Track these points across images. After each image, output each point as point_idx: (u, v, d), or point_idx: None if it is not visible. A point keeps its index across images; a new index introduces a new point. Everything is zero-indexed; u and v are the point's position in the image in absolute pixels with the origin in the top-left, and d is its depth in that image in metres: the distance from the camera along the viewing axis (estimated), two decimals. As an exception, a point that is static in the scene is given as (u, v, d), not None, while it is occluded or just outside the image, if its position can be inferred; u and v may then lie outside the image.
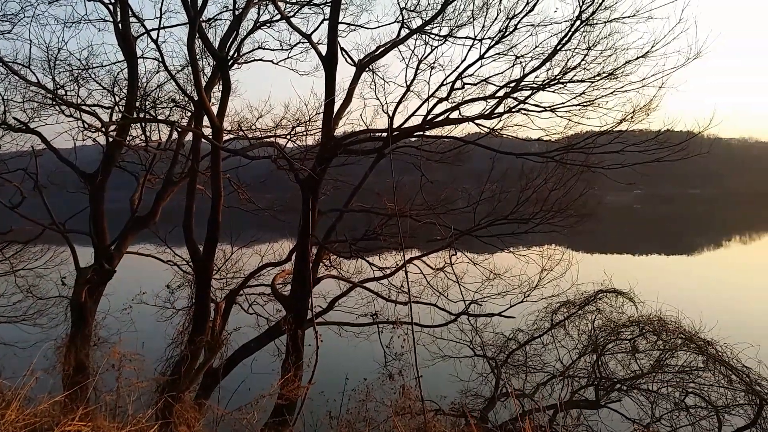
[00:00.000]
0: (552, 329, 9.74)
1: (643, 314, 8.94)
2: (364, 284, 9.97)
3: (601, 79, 7.34)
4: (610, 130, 7.85)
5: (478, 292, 9.84)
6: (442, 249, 10.07)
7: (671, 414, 7.84)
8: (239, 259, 12.18)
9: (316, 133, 10.94)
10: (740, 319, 19.13)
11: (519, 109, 8.44)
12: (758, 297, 26.95)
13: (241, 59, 11.35)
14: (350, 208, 9.86)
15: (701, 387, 7.84)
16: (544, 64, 7.66)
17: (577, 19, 7.12)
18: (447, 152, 10.53)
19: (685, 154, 7.55)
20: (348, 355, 10.84)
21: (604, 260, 35.86)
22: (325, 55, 8.35)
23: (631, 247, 51.30)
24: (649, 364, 8.40)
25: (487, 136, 9.47)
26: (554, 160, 8.88)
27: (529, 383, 9.36)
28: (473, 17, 8.65)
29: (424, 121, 8.80)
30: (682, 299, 10.57)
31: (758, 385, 7.37)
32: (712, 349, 7.82)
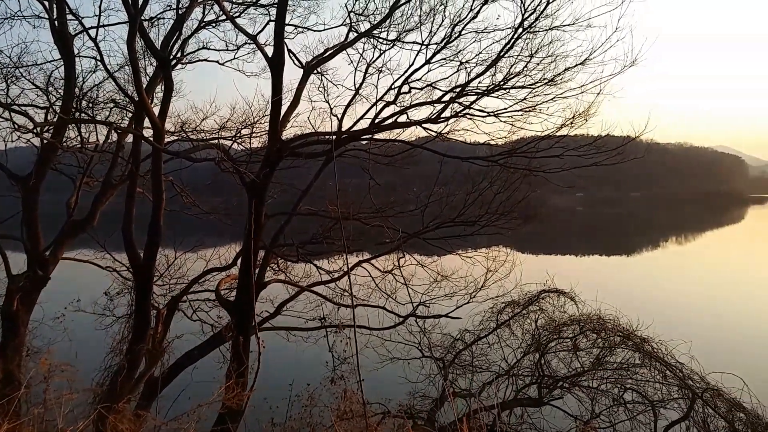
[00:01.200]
0: (497, 329, 9.95)
1: (583, 313, 9.26)
2: (311, 288, 9.91)
3: (542, 85, 7.55)
4: (551, 135, 8.09)
5: (425, 294, 9.95)
6: (390, 252, 10.13)
7: (610, 410, 8.14)
8: (183, 264, 11.85)
9: (262, 136, 10.80)
10: (675, 316, 20.12)
11: (465, 114, 8.57)
12: (692, 295, 28.41)
13: (184, 59, 11.07)
14: (298, 212, 9.77)
15: (638, 383, 8.17)
16: (488, 69, 7.82)
17: (519, 27, 7.30)
18: (395, 155, 10.58)
19: (621, 158, 7.85)
20: (296, 361, 10.76)
21: (547, 261, 36.97)
22: (271, 57, 8.24)
23: (574, 248, 53.11)
24: (589, 362, 8.69)
25: (434, 140, 9.60)
26: (498, 164, 9.08)
27: (475, 383, 9.52)
28: (420, 22, 8.73)
29: (372, 124, 8.83)
30: (620, 298, 10.99)
31: (691, 380, 7.73)
32: (648, 346, 8.16)
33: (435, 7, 8.36)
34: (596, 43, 7.08)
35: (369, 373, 10.41)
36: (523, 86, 7.67)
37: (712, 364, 7.82)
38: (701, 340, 8.47)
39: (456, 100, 8.24)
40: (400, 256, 10.01)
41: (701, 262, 46.30)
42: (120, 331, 9.97)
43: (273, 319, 9.79)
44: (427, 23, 8.59)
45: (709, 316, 22.99)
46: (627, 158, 8.04)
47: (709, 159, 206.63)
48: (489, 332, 9.96)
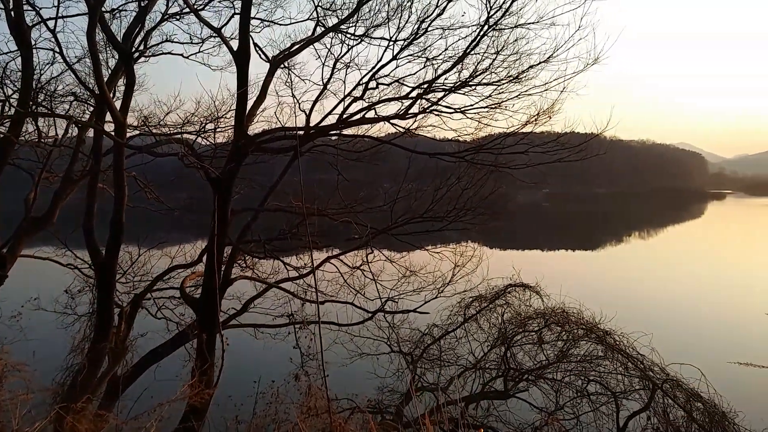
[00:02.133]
0: (465, 323, 10.05)
1: (548, 307, 9.42)
2: (279, 285, 9.83)
3: (507, 82, 7.63)
4: (516, 131, 8.19)
5: (394, 290, 9.99)
6: (359, 248, 10.13)
7: (574, 401, 8.31)
8: (147, 261, 11.62)
9: (228, 131, 10.66)
10: (636, 309, 20.67)
11: (432, 110, 8.62)
12: (653, 288, 29.24)
13: (147, 52, 10.81)
14: (265, 208, 9.68)
15: (601, 375, 8.37)
16: (455, 66, 7.88)
17: (485, 24, 7.37)
18: (364, 151, 10.57)
19: (584, 155, 8.00)
20: (263, 358, 10.68)
21: (513, 256, 37.62)
22: (236, 51, 8.13)
23: (539, 243, 54.09)
24: (554, 355, 8.85)
25: (402, 136, 9.63)
26: (465, 161, 9.15)
27: (443, 377, 9.62)
28: (388, 18, 8.73)
29: (339, 120, 8.81)
30: (584, 292, 11.23)
31: (651, 371, 7.95)
32: (610, 339, 8.36)
33: (402, 3, 8.38)
34: (560, 42, 7.19)
35: (338, 369, 10.42)
36: (489, 83, 7.75)
37: (671, 355, 8.06)
38: (661, 333, 8.71)
39: (423, 96, 8.28)
40: (369, 252, 10.01)
41: (662, 256, 47.69)
42: (82, 330, 9.73)
43: (240, 316, 9.69)
44: (395, 19, 8.61)
45: (669, 308, 23.70)
46: (590, 155, 8.21)
47: (670, 156, 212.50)
48: (457, 326, 10.05)
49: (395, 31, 8.52)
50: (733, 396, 7.51)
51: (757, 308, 21.34)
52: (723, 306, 24.52)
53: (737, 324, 20.60)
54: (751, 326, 19.18)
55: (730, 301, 25.52)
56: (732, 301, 25.67)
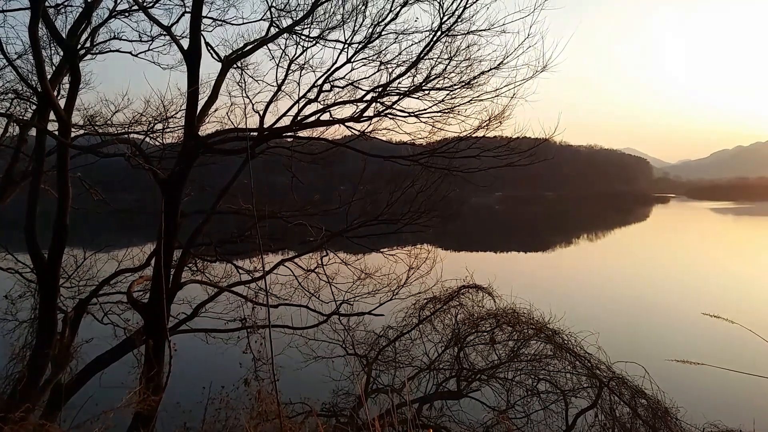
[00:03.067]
0: (419, 325, 10.14)
1: (500, 307, 9.61)
2: (231, 288, 9.67)
3: (459, 88, 7.76)
4: (468, 136, 8.33)
5: (349, 292, 9.98)
6: (313, 250, 10.09)
7: (524, 400, 8.51)
8: (92, 265, 11.22)
9: (178, 131, 10.42)
10: (584, 309, 21.36)
11: (387, 113, 8.66)
12: (599, 288, 30.30)
13: (94, 49, 10.45)
14: (217, 210, 9.51)
15: (551, 373, 8.60)
16: (409, 70, 7.95)
17: (438, 30, 7.47)
18: (319, 154, 10.53)
19: (533, 159, 8.22)
20: (215, 363, 10.47)
21: (467, 257, 38.16)
22: (187, 50, 7.99)
23: (492, 244, 55.17)
24: (505, 354, 9.04)
25: (357, 138, 9.64)
26: (419, 164, 9.25)
27: (398, 378, 9.67)
28: (343, 21, 8.73)
29: (293, 121, 8.75)
30: (534, 292, 11.49)
31: (598, 370, 8.22)
32: (559, 338, 8.60)
33: (357, 6, 8.41)
34: (509, 49, 7.36)
35: (292, 373, 10.33)
36: (442, 88, 7.86)
37: (617, 353, 8.35)
38: (607, 331, 9.06)
39: (378, 99, 8.32)
40: (324, 255, 9.98)
41: (608, 257, 49.48)
42: (23, 337, 9.31)
43: (190, 320, 9.47)
44: (350, 22, 8.62)
45: (614, 308, 24.63)
46: (539, 159, 8.43)
47: (617, 161, 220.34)
48: (411, 328, 10.13)
49: (350, 34, 8.55)
50: (675, 392, 7.85)
51: (695, 306, 22.37)
52: (664, 305, 25.61)
53: (677, 322, 21.54)
54: (690, 324, 20.05)
55: (671, 300, 26.69)
56: (673, 300, 26.86)
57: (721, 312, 3.36)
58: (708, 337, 16.49)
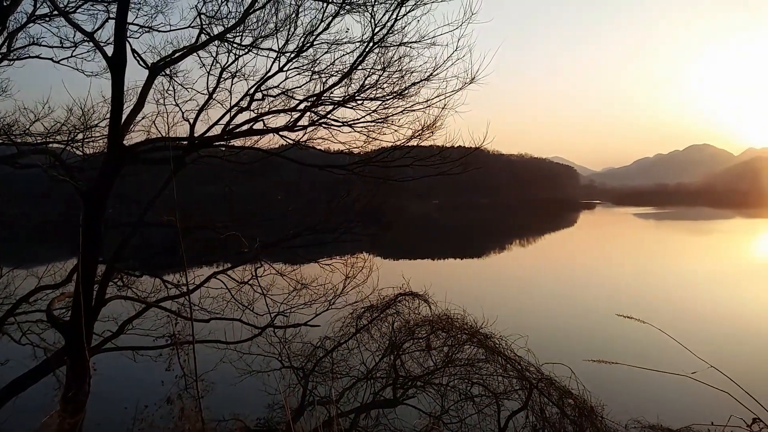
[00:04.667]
0: (357, 334, 10.11)
1: (435, 314, 9.73)
2: (159, 304, 9.31)
3: (392, 98, 7.86)
4: (402, 145, 8.44)
5: (284, 304, 9.83)
6: (247, 262, 9.88)
7: (458, 404, 8.64)
8: (10, 282, 10.55)
9: (102, 140, 9.97)
10: (514, 312, 22.08)
11: (321, 123, 8.65)
12: (528, 292, 31.43)
13: (12, 55, 9.90)
14: (143, 222, 9.14)
15: (484, 377, 8.76)
16: (342, 80, 7.98)
17: (371, 41, 7.55)
18: (253, 163, 10.36)
19: (464, 168, 8.42)
20: (143, 382, 10.04)
21: (404, 265, 38.68)
22: (111, 57, 7.68)
23: (429, 252, 56.01)
24: (440, 360, 9.16)
25: (292, 148, 9.54)
26: (354, 173, 9.27)
27: (335, 389, 9.59)
28: (276, 29, 8.66)
29: (224, 130, 8.56)
30: (468, 298, 11.73)
31: (528, 372, 8.46)
32: (491, 342, 8.79)
33: (290, 16, 8.37)
34: (439, 61, 7.54)
35: (227, 389, 10.06)
36: (375, 98, 7.93)
37: (545, 355, 8.63)
38: (536, 334, 9.34)
39: (312, 109, 8.29)
40: (258, 266, 9.79)
41: (538, 262, 51.36)
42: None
43: (116, 338, 9.04)
44: (283, 31, 8.56)
45: (542, 311, 25.58)
46: (471, 167, 8.65)
47: (546, 168, 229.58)
48: (349, 338, 10.08)
49: (283, 43, 8.49)
50: (599, 391, 8.19)
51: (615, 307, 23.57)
52: (588, 306, 26.79)
53: (597, 323, 22.53)
54: (608, 325, 20.93)
55: (594, 302, 27.97)
56: (594, 301, 28.19)
57: (636, 312, 3.55)
58: (624, 336, 17.28)
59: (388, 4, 7.23)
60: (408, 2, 7.16)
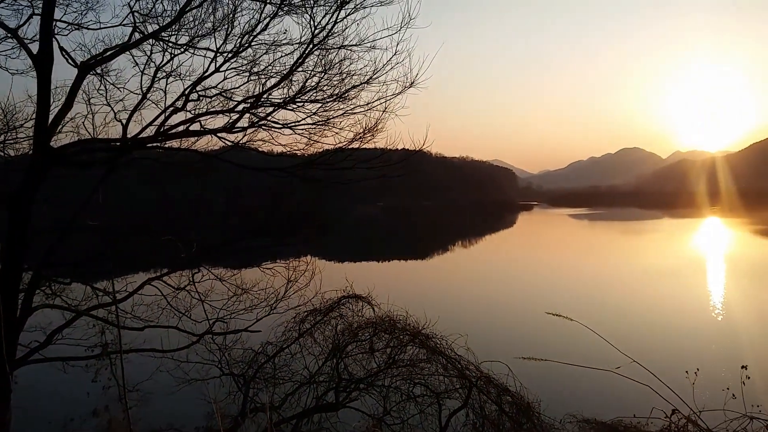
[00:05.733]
0: (299, 338, 10.02)
1: (378, 316, 9.78)
2: (90, 312, 8.90)
3: (332, 101, 7.85)
4: (344, 148, 8.44)
5: (224, 309, 9.62)
6: (184, 267, 9.60)
7: (400, 405, 8.71)
8: None
9: (28, 142, 9.44)
10: (455, 312, 22.52)
11: (261, 125, 8.52)
12: (468, 292, 32.15)
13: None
14: (73, 227, 8.72)
15: (425, 377, 8.86)
16: (282, 81, 7.90)
17: (310, 43, 7.51)
18: (191, 165, 10.09)
19: (406, 170, 8.53)
20: (73, 394, 9.58)
21: (348, 268, 38.68)
22: (37, 54, 7.31)
23: (372, 254, 56.27)
24: (383, 361, 9.21)
25: (232, 150, 9.35)
26: (296, 176, 9.20)
27: (277, 395, 9.46)
28: (214, 29, 8.47)
29: (158, 131, 8.30)
30: (410, 299, 11.88)
31: (468, 371, 8.62)
32: (432, 343, 8.91)
33: (227, 15, 8.21)
34: (379, 64, 7.61)
35: (165, 398, 9.75)
36: (315, 100, 7.90)
37: (483, 353, 8.84)
38: (475, 333, 9.53)
39: (250, 110, 8.16)
40: (195, 272, 9.53)
41: (478, 262, 52.66)
42: None
43: (44, 349, 8.57)
44: (221, 30, 8.39)
45: (481, 310, 26.23)
46: (411, 170, 8.77)
47: (487, 171, 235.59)
48: (291, 342, 9.98)
49: (221, 43, 8.31)
50: (535, 387, 8.45)
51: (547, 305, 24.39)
52: (525, 305, 27.62)
53: (530, 321, 23.26)
54: (541, 322, 21.60)
55: (529, 300, 28.87)
56: (531, 300, 29.10)
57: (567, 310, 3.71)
58: (556, 333, 17.85)
59: (328, 6, 7.23)
60: (348, 5, 7.18)
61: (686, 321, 24.06)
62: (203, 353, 9.74)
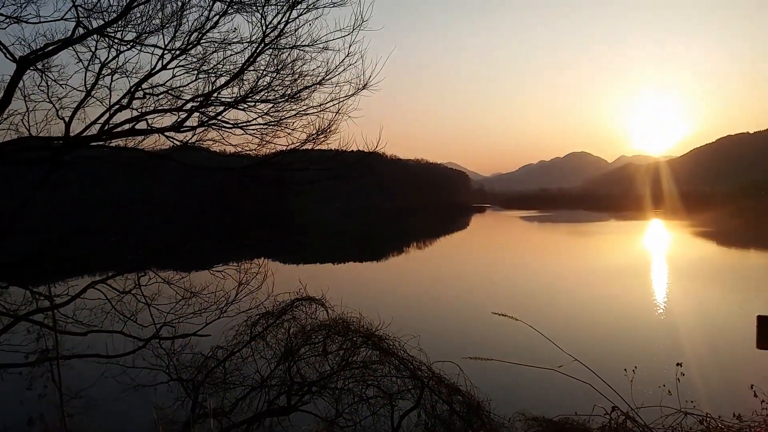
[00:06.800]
0: (251, 342, 9.87)
1: (331, 318, 9.75)
2: (30, 317, 8.50)
3: (284, 101, 7.79)
4: (297, 149, 8.39)
5: (172, 313, 9.37)
6: (129, 270, 9.31)
7: (353, 407, 8.71)
8: None
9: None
10: (408, 313, 22.68)
11: (211, 124, 8.37)
12: (421, 293, 32.51)
13: None
14: (8, 228, 8.32)
15: (378, 378, 8.90)
16: (233, 80, 7.79)
17: (262, 42, 7.43)
18: (139, 165, 9.79)
19: (359, 172, 8.54)
20: (8, 403, 9.14)
21: (302, 270, 38.40)
22: (-31, 48, 6.96)
23: (327, 256, 56.04)
24: (336, 364, 9.19)
25: (180, 149, 9.13)
26: (249, 176, 9.08)
27: (228, 400, 9.30)
28: (162, 26, 8.26)
29: (102, 130, 8.02)
30: (365, 301, 11.90)
31: (420, 371, 8.70)
32: (385, 344, 8.96)
33: (176, 12, 8.02)
34: (332, 66, 7.61)
35: (110, 405, 9.43)
36: (267, 100, 7.81)
37: (435, 354, 8.94)
38: (427, 334, 9.63)
39: (199, 109, 8.00)
40: (141, 275, 9.25)
41: (430, 263, 53.29)
42: None
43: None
44: (170, 27, 8.19)
45: (432, 311, 26.53)
46: (365, 171, 8.82)
47: (441, 173, 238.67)
48: (243, 346, 9.83)
49: (169, 40, 8.11)
50: (485, 386, 8.61)
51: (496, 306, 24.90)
52: (477, 305, 28.03)
53: (483, 321, 23.66)
54: (490, 323, 22.01)
55: (480, 301, 29.35)
56: (482, 300, 29.59)
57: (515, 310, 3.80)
58: (503, 333, 18.20)
59: (279, 5, 7.17)
60: (299, 5, 7.15)
61: (627, 320, 24.90)
62: (150, 358, 9.46)
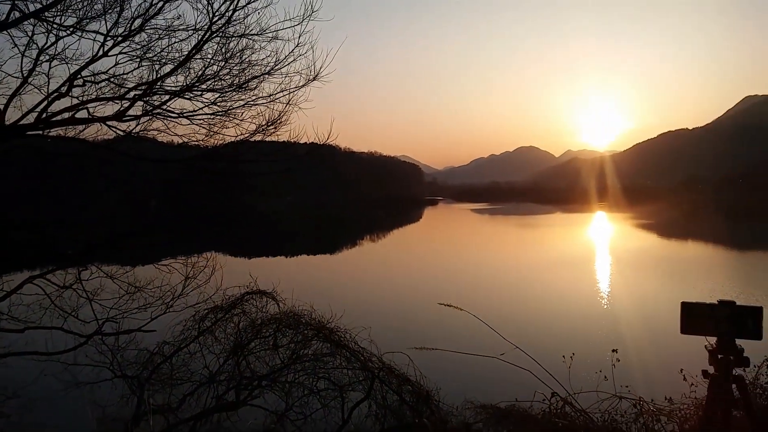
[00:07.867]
0: (199, 337, 9.68)
1: (282, 311, 9.67)
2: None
3: (231, 91, 7.64)
4: (246, 140, 8.25)
5: (115, 308, 9.08)
6: (70, 265, 8.97)
7: (302, 400, 8.68)
8: None
9: None
10: (359, 305, 22.80)
11: (156, 113, 8.13)
12: (372, 285, 32.76)
13: None
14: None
15: (329, 371, 8.89)
16: (178, 69, 7.58)
17: (209, 30, 7.26)
18: (80, 155, 9.42)
19: (311, 164, 8.50)
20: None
21: (252, 263, 37.98)
22: None
23: (278, 249, 55.64)
24: (287, 357, 9.13)
25: (125, 140, 8.84)
26: (196, 167, 8.88)
27: (175, 396, 9.10)
28: (105, 11, 7.95)
29: (39, 118, 7.67)
30: (316, 294, 11.86)
31: (370, 362, 8.74)
32: (336, 337, 8.96)
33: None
34: (281, 56, 7.52)
35: (51, 404, 9.11)
36: (214, 89, 7.65)
37: (386, 345, 9.02)
38: (378, 325, 9.69)
39: (143, 97, 7.75)
40: (83, 269, 8.93)
41: (382, 256, 53.68)
42: None
43: None
44: (112, 13, 7.88)
45: (384, 302, 26.80)
46: (317, 164, 8.78)
47: (395, 166, 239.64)
48: (190, 341, 9.61)
49: (112, 25, 7.81)
50: (435, 376, 8.74)
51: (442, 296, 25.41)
52: (426, 296, 28.42)
53: (431, 311, 24.03)
54: (436, 313, 22.41)
55: (429, 292, 29.79)
56: (430, 291, 30.06)
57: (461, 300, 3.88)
58: (448, 323, 18.47)
59: (227, -7, 7.01)
60: (247, -8, 7.01)
61: (567, 308, 25.88)
62: (93, 355, 9.17)
